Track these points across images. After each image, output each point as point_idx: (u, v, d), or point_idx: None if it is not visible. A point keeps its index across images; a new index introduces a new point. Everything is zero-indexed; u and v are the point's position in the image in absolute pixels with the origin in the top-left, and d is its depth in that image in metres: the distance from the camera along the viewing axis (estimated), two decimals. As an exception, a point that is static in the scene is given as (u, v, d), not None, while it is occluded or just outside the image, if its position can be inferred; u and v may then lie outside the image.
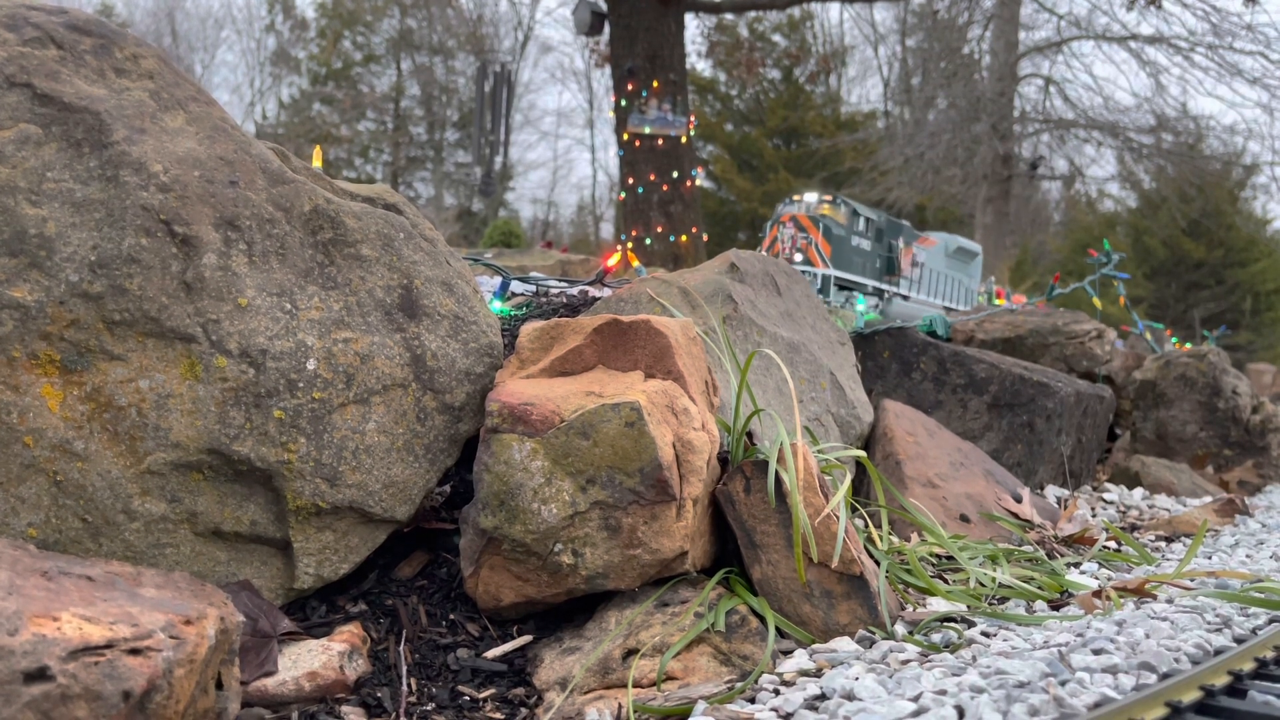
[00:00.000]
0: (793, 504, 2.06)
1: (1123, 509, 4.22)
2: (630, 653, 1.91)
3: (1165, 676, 1.62)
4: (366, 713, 1.80)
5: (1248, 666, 1.68)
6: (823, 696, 1.69)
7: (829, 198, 6.88)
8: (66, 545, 1.84)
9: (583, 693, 1.85)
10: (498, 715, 1.83)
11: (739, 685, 1.79)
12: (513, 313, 3.18)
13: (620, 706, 1.75)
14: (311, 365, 2.02)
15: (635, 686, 1.84)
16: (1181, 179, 18.62)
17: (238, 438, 1.94)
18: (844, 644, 1.98)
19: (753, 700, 1.75)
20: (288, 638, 1.90)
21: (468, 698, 1.90)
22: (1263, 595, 2.22)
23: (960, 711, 1.50)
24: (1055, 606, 2.38)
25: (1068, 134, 19.40)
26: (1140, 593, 2.41)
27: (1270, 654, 1.76)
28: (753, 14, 23.17)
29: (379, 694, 1.86)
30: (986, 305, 8.28)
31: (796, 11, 23.94)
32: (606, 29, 11.63)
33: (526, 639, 2.07)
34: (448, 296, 2.26)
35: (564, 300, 3.31)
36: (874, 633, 2.04)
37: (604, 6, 11.44)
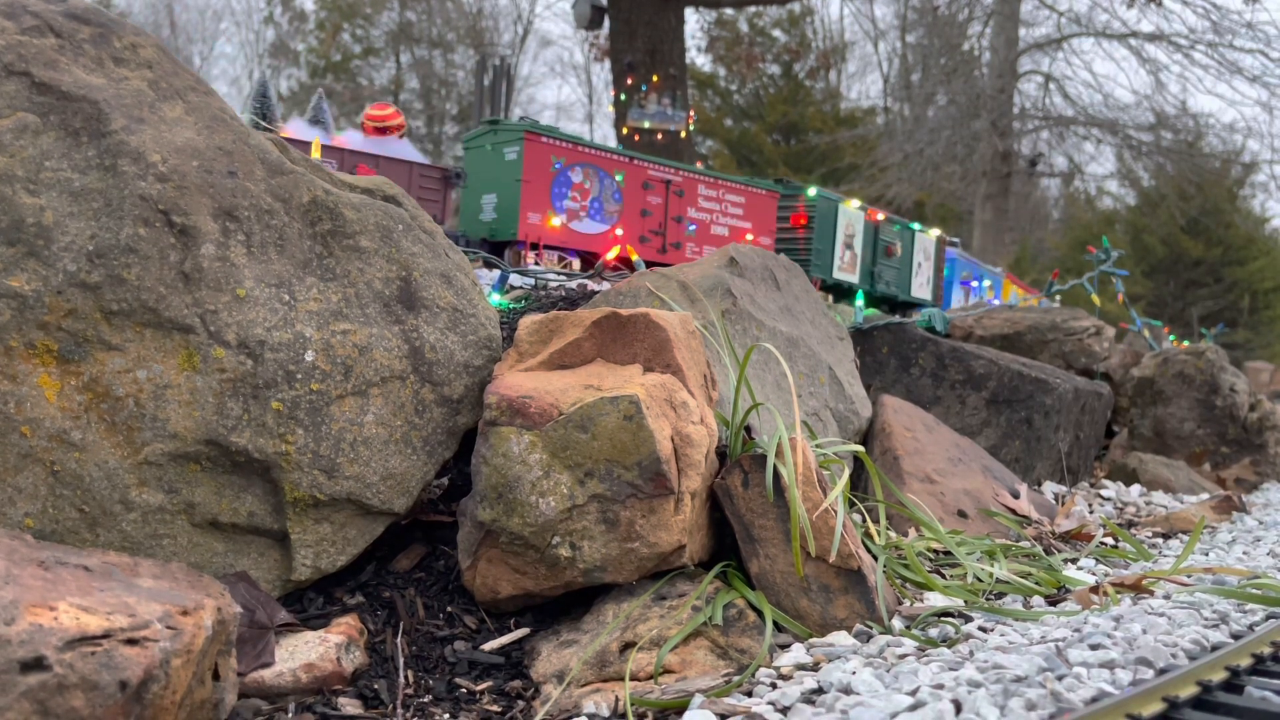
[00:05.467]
0: (791, 498, 2.05)
1: (1120, 505, 4.22)
2: (627, 646, 1.91)
3: (1162, 672, 1.62)
4: (363, 704, 1.80)
5: (1245, 662, 1.68)
6: (820, 690, 1.69)
7: None
8: (63, 535, 1.83)
9: (580, 685, 1.85)
10: (495, 707, 1.83)
11: (736, 679, 1.79)
12: (511, 306, 3.18)
13: (617, 699, 1.75)
14: (310, 357, 2.02)
15: (632, 679, 1.84)
16: (1180, 177, 18.61)
17: (235, 429, 1.94)
18: (841, 638, 1.98)
19: (750, 694, 1.75)
20: (285, 629, 1.89)
21: (465, 690, 1.89)
22: (1260, 592, 2.23)
23: (957, 706, 1.50)
24: (1052, 602, 2.38)
25: (1067, 131, 19.39)
26: (1137, 589, 2.41)
27: (1267, 650, 1.76)
28: (753, 9, 23.15)
29: (376, 686, 1.86)
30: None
31: (796, 7, 23.89)
32: (606, 23, 11.61)
33: (524, 632, 2.07)
34: (446, 289, 2.26)
35: (562, 293, 3.31)
36: (871, 627, 2.04)
37: (604, 1, 11.42)
